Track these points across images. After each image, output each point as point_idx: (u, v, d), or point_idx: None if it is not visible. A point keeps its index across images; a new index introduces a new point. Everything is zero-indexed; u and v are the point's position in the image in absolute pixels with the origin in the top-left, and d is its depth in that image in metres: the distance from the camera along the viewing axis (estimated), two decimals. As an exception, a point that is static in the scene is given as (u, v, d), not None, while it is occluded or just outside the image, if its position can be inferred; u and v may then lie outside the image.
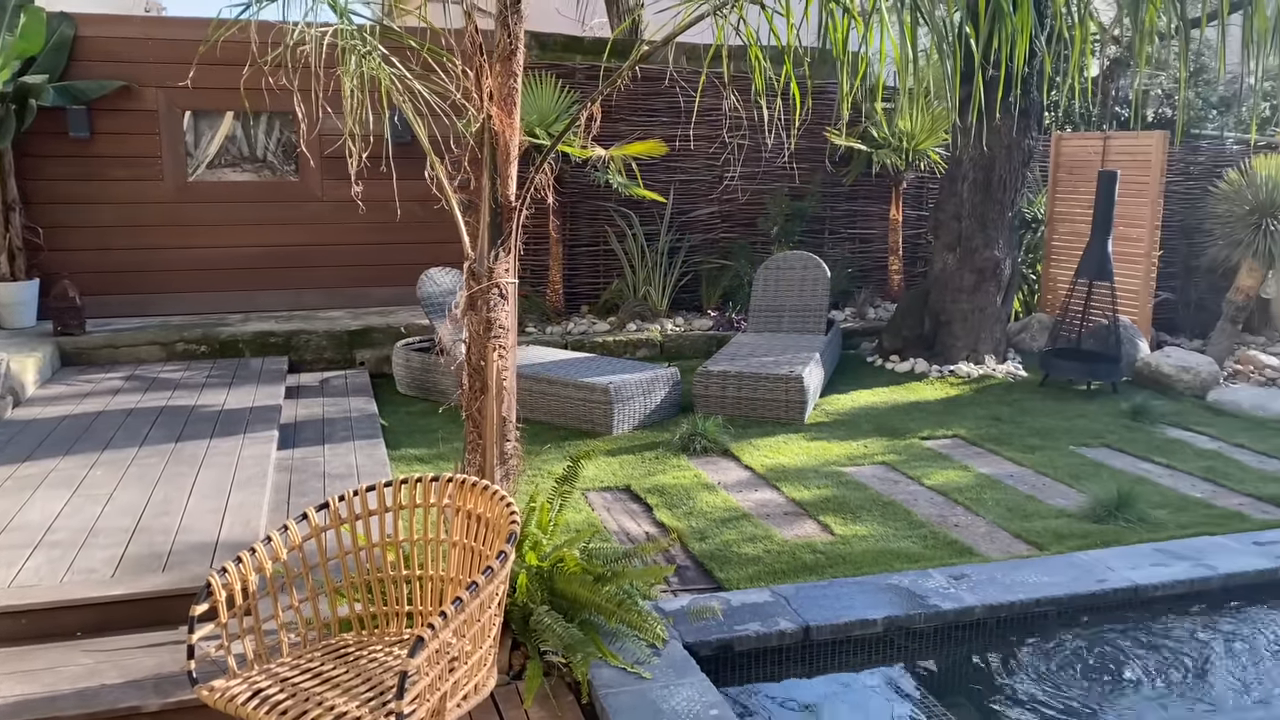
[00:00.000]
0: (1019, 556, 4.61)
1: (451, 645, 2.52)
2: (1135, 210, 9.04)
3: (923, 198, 10.71)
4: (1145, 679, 3.77)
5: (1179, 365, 8.09)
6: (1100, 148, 9.40)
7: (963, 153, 8.44)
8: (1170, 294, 10.58)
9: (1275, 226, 8.87)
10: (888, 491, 5.58)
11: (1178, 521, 5.10)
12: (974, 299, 8.54)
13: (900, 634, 3.89)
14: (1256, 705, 3.62)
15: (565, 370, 6.91)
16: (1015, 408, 7.43)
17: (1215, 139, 11.52)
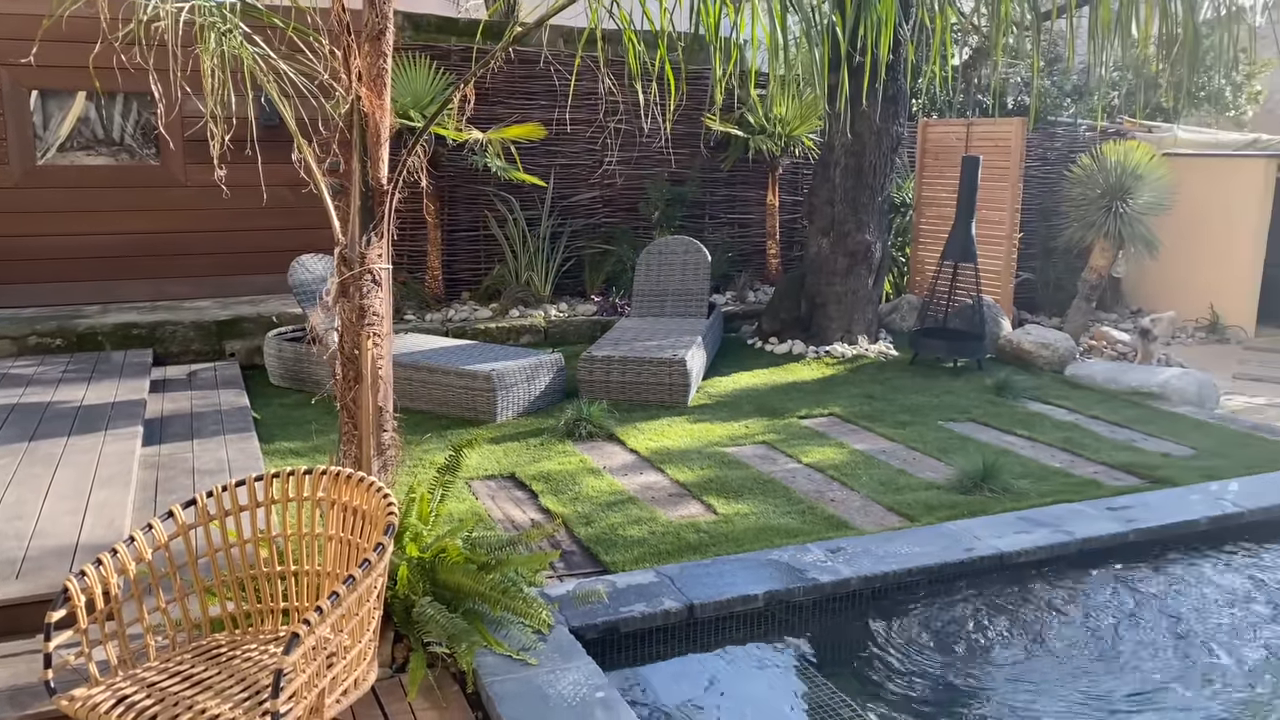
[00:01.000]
0: (892, 528, 4.78)
1: (329, 640, 2.46)
2: (997, 194, 9.45)
3: (798, 183, 10.94)
4: (1011, 640, 3.97)
5: (1038, 342, 8.51)
6: (964, 134, 9.77)
7: (835, 139, 8.66)
8: (1030, 274, 11.10)
9: (1124, 209, 9.40)
10: (768, 470, 5.70)
11: (1039, 490, 5.37)
12: (847, 282, 8.78)
13: (781, 608, 3.99)
14: (1112, 660, 3.85)
15: (446, 358, 6.81)
16: (887, 386, 7.69)
17: (1070, 125, 12.13)
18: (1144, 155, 9.54)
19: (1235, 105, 14.91)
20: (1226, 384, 8.56)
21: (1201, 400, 7.51)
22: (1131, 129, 12.01)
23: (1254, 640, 4.03)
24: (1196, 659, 3.86)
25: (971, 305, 8.51)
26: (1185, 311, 11.06)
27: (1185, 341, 10.71)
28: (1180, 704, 3.54)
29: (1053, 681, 3.68)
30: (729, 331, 9.48)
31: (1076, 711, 3.48)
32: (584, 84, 9.53)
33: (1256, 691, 3.66)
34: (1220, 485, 5.41)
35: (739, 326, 9.67)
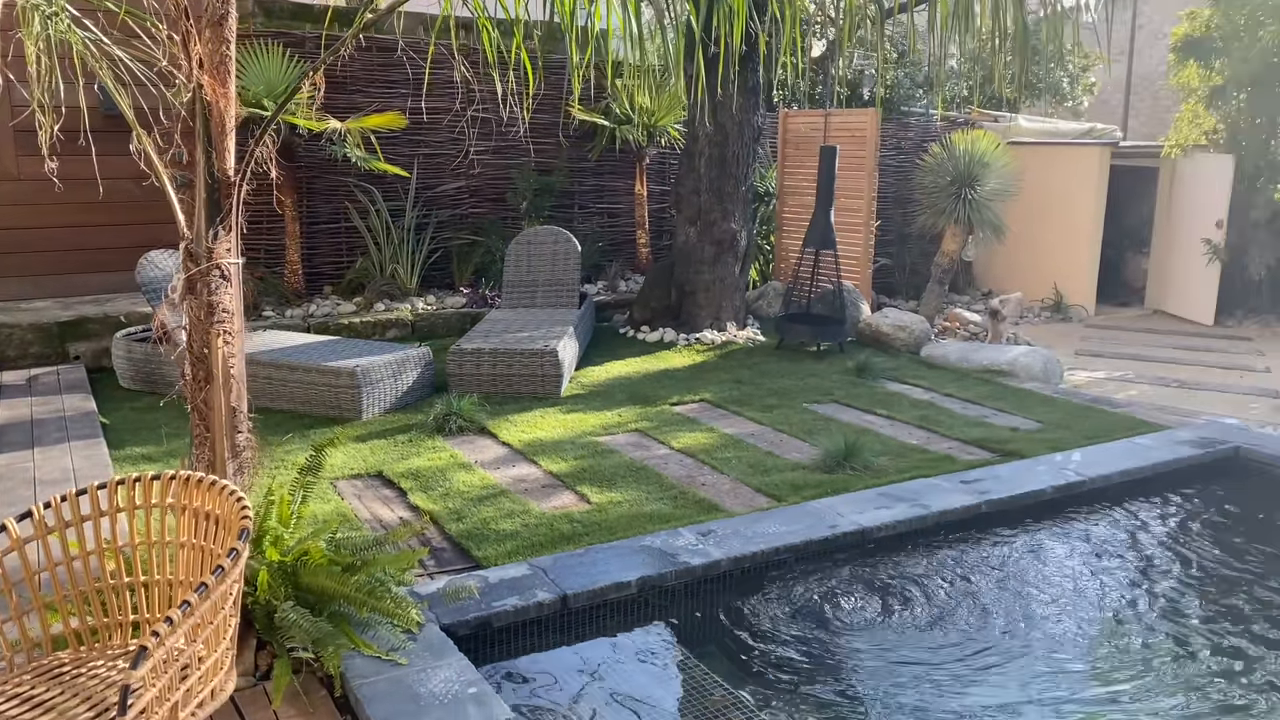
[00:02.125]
0: (760, 509, 4.89)
1: (181, 652, 2.36)
2: (854, 183, 9.75)
3: (666, 172, 11.04)
4: (874, 611, 4.12)
5: (896, 324, 8.84)
6: (822, 125, 10.05)
7: (698, 129, 8.77)
8: (888, 260, 11.52)
9: (973, 195, 9.84)
10: (641, 457, 5.75)
11: (897, 467, 5.58)
12: (715, 270, 8.93)
13: (654, 593, 4.04)
14: (968, 625, 4.05)
15: (308, 355, 6.61)
16: (755, 370, 7.85)
17: (922, 116, 12.62)
18: (990, 144, 10.01)
19: (1073, 96, 15.79)
20: (1070, 360, 9.09)
21: (1047, 376, 7.94)
22: (979, 119, 12.59)
23: (1096, 601, 4.30)
24: (1045, 620, 4.09)
25: (833, 290, 8.77)
26: (1031, 292, 11.68)
27: (1032, 321, 11.32)
28: (1030, 665, 3.75)
29: (914, 648, 3.84)
30: (601, 321, 9.51)
31: (936, 676, 3.64)
32: (445, 73, 9.37)
33: (1099, 652, 3.91)
34: (1064, 456, 5.73)
35: (611, 316, 9.71)
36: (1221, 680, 3.63)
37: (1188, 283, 11.52)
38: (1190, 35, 11.17)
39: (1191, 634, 3.98)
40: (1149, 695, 3.54)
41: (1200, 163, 11.32)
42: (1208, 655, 3.81)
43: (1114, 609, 4.23)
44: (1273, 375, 8.56)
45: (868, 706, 3.49)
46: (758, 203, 10.73)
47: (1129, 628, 4.07)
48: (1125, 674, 3.71)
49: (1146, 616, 4.16)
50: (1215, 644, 3.90)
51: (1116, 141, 12.35)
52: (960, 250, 10.31)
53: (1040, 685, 3.59)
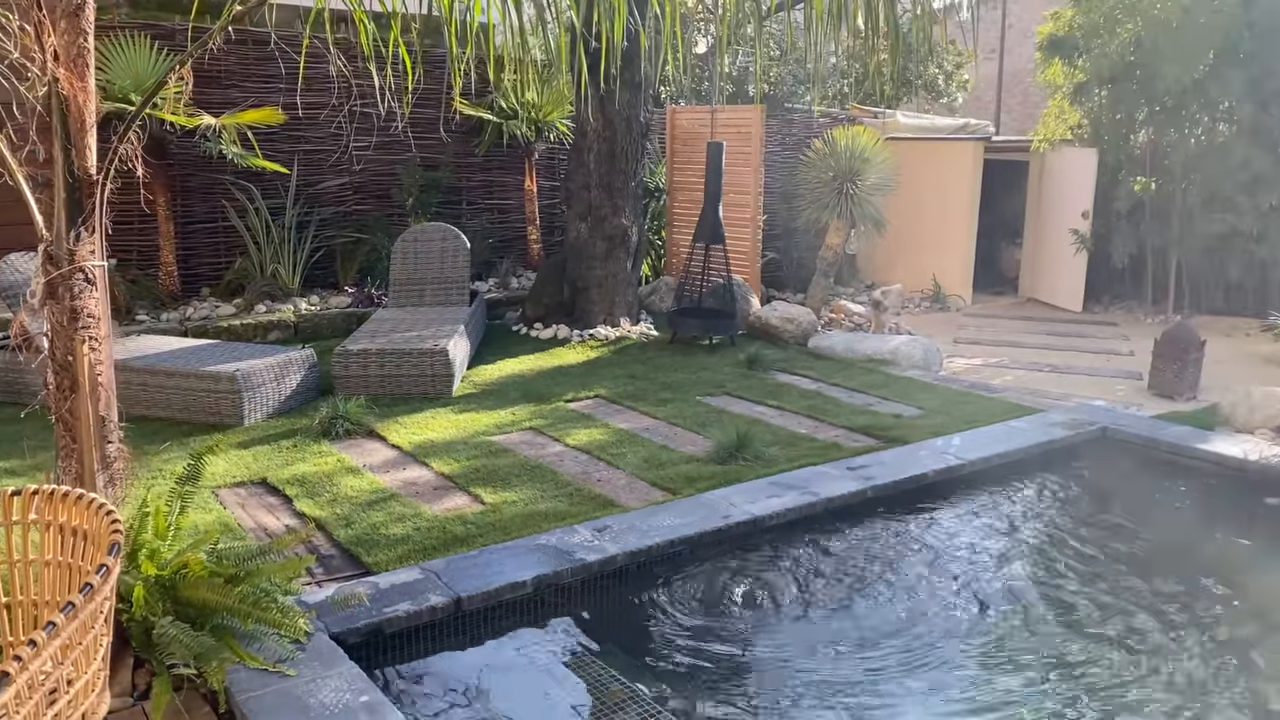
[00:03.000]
0: (656, 503, 4.92)
1: (48, 675, 2.24)
2: (741, 178, 9.90)
3: (556, 168, 11.00)
4: (768, 598, 4.20)
5: (784, 317, 9.01)
6: (709, 121, 10.16)
7: (587, 125, 8.76)
8: (776, 254, 11.74)
9: (854, 190, 10.09)
10: (535, 455, 5.71)
11: (788, 456, 5.69)
12: (607, 265, 8.94)
13: (550, 591, 4.02)
14: (859, 606, 4.16)
15: (185, 359, 6.35)
16: (649, 365, 7.90)
17: (806, 112, 12.88)
18: (870, 140, 10.28)
19: (948, 93, 16.36)
20: (949, 348, 9.42)
21: (927, 364, 8.21)
22: (859, 115, 12.92)
23: (975, 579, 4.46)
24: (931, 598, 4.23)
25: (724, 285, 8.88)
26: (912, 283, 12.07)
27: (913, 311, 11.69)
28: (917, 638, 3.87)
29: (809, 633, 3.92)
30: (493, 319, 9.42)
31: (830, 660, 3.72)
32: (325, 67, 9.13)
33: (982, 624, 4.06)
34: (945, 441, 5.93)
35: (503, 313, 9.63)
36: (1093, 644, 3.81)
37: (1057, 272, 12.07)
38: (1055, 34, 11.70)
39: (1065, 603, 4.18)
40: (1028, 663, 3.70)
41: (1067, 156, 11.87)
42: (1084, 620, 4.00)
43: (993, 584, 4.40)
44: (1136, 358, 9.04)
45: (766, 693, 3.55)
46: (648, 198, 10.79)
47: (1009, 600, 4.24)
48: (1010, 642, 3.86)
49: (1022, 591, 4.34)
50: (1087, 610, 4.10)
51: (989, 136, 12.85)
52: (844, 244, 10.57)
53: (933, 663, 3.71)
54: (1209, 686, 3.59)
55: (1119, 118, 11.35)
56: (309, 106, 9.00)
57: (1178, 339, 7.76)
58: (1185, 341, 7.71)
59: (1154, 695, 3.52)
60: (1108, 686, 3.56)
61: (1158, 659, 3.76)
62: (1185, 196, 10.84)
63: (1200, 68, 10.32)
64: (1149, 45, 10.55)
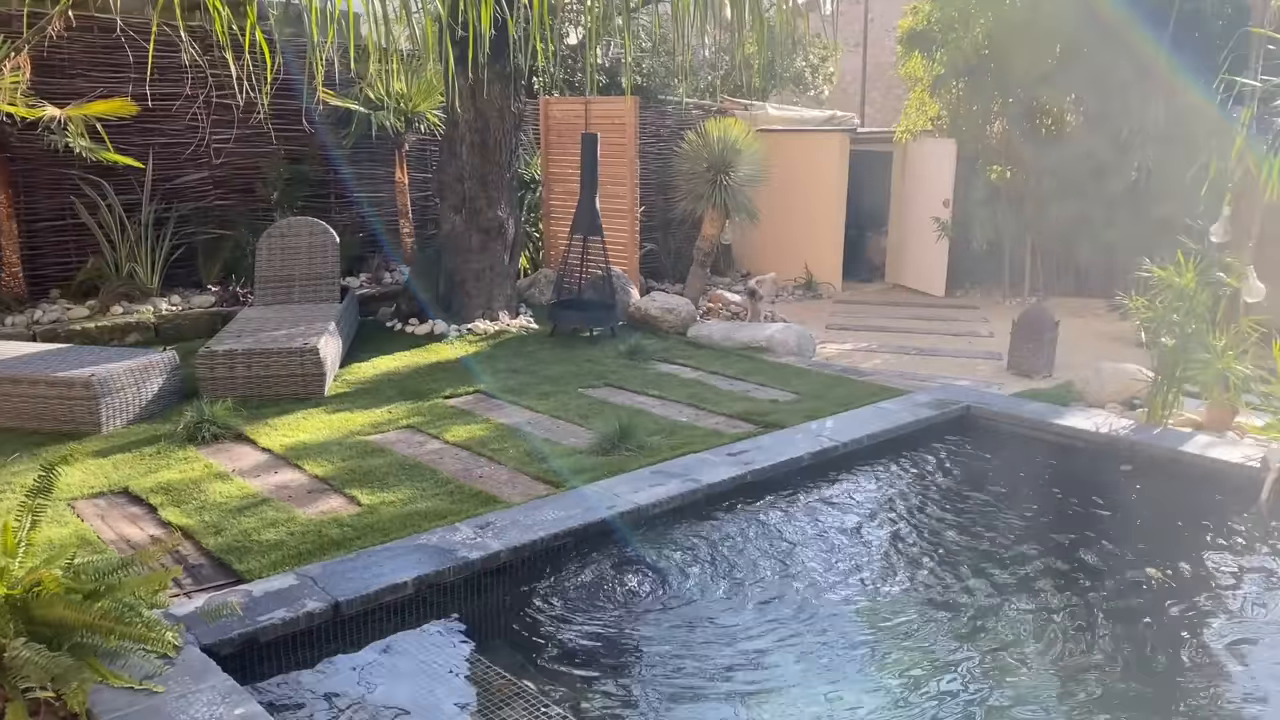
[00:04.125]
0: (539, 497, 4.89)
1: (-116, 711, 2.08)
2: (617, 170, 9.92)
3: (428, 160, 10.79)
4: (654, 586, 4.23)
5: (663, 308, 9.09)
6: (583, 112, 10.14)
7: (458, 115, 8.63)
8: (654, 245, 11.82)
9: (728, 181, 10.24)
10: (414, 454, 5.61)
11: (670, 444, 5.74)
12: (483, 258, 8.84)
13: (432, 591, 3.95)
14: (742, 587, 4.23)
15: (34, 365, 5.98)
16: (529, 359, 7.85)
17: (679, 104, 13.00)
18: (741, 131, 10.46)
19: (814, 85, 16.76)
20: (821, 334, 9.69)
21: (801, 350, 8.42)
22: (730, 107, 13.11)
23: (855, 553, 4.60)
24: (809, 577, 4.34)
25: (603, 276, 8.89)
26: (785, 272, 12.34)
27: (787, 299, 11.96)
28: (801, 614, 3.96)
29: (695, 619, 3.97)
30: (366, 315, 9.19)
31: (716, 644, 3.78)
32: (180, 56, 8.71)
33: (864, 597, 4.19)
34: (819, 424, 6.09)
35: (377, 309, 9.40)
36: (963, 607, 3.99)
37: (922, 258, 12.53)
38: (914, 28, 12.13)
39: (934, 570, 4.35)
40: (905, 630, 3.84)
41: (928, 147, 12.33)
42: (955, 584, 4.18)
43: (868, 557, 4.55)
44: (996, 339, 9.48)
45: (651, 681, 3.58)
46: (524, 190, 10.71)
47: (884, 572, 4.39)
48: (888, 612, 4.00)
49: (895, 561, 4.50)
50: (955, 576, 4.28)
51: (854, 128, 13.24)
52: (719, 234, 10.73)
53: (818, 641, 3.81)
54: (1062, 624, 3.80)
55: (975, 109, 11.85)
56: (163, 97, 8.59)
57: (1033, 320, 8.16)
58: (1040, 322, 8.12)
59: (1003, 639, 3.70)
60: (976, 640, 3.73)
61: (1013, 607, 3.95)
62: (1037, 184, 11.40)
63: (1048, 61, 10.86)
64: (1001, 40, 11.05)
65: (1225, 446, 5.62)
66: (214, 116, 9.05)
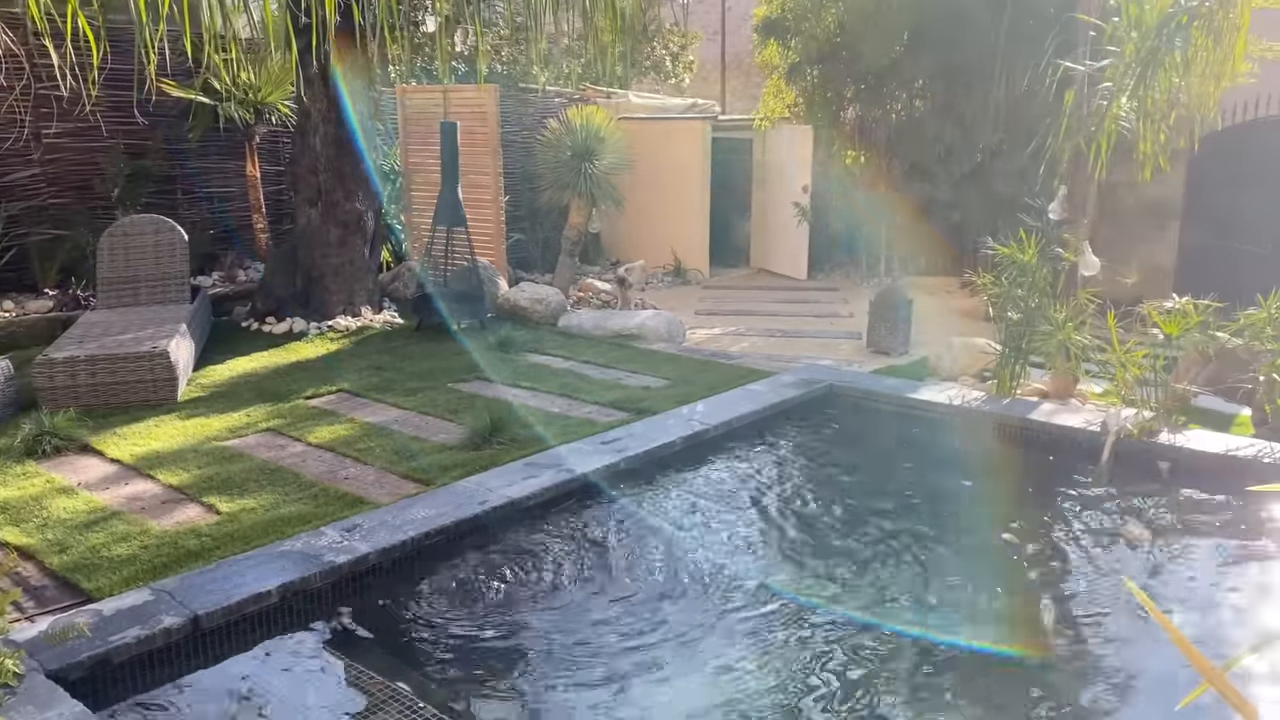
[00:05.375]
0: (409, 496, 4.79)
1: None
2: (479, 160, 9.79)
3: (281, 152, 10.39)
4: (530, 579, 4.20)
5: (533, 298, 9.02)
6: (442, 101, 9.95)
7: (311, 105, 8.34)
8: (522, 235, 11.71)
9: (592, 169, 10.24)
10: (275, 457, 5.41)
11: (542, 436, 5.71)
12: (342, 252, 8.58)
13: (299, 598, 3.82)
14: (623, 575, 4.24)
15: None
16: (395, 355, 7.67)
17: (540, 92, 12.90)
18: (604, 119, 10.46)
19: (675, 73, 16.91)
20: (691, 320, 9.80)
21: (671, 336, 8.50)
22: (593, 95, 13.10)
23: (726, 537, 4.68)
24: (686, 562, 4.39)
25: (469, 268, 8.76)
26: (654, 259, 12.43)
27: (656, 286, 12.06)
28: (679, 600, 4.01)
29: (569, 609, 3.96)
30: (220, 315, 8.81)
31: (593, 631, 3.78)
32: None
33: (738, 571, 4.26)
34: (690, 408, 6.17)
35: (232, 309, 9.02)
36: (832, 576, 4.11)
37: (784, 243, 12.82)
38: (769, 17, 12.36)
39: (804, 543, 4.47)
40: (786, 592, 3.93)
41: (786, 133, 12.61)
42: (823, 555, 4.30)
43: (743, 537, 4.63)
44: (855, 319, 9.78)
45: (528, 677, 3.56)
46: (384, 181, 10.44)
47: (758, 551, 4.49)
48: (764, 593, 4.09)
49: (768, 539, 4.60)
50: (822, 547, 4.40)
51: (715, 116, 13.42)
52: (586, 222, 10.72)
53: (695, 626, 3.85)
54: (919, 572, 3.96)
55: (830, 96, 12.17)
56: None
57: (889, 300, 8.46)
58: (895, 301, 8.43)
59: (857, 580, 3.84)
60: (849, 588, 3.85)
61: (881, 569, 4.11)
62: (890, 168, 11.81)
63: (896, 49, 11.24)
64: (852, 27, 11.37)
65: (1068, 413, 5.96)
66: (39, 109, 8.47)
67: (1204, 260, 9.77)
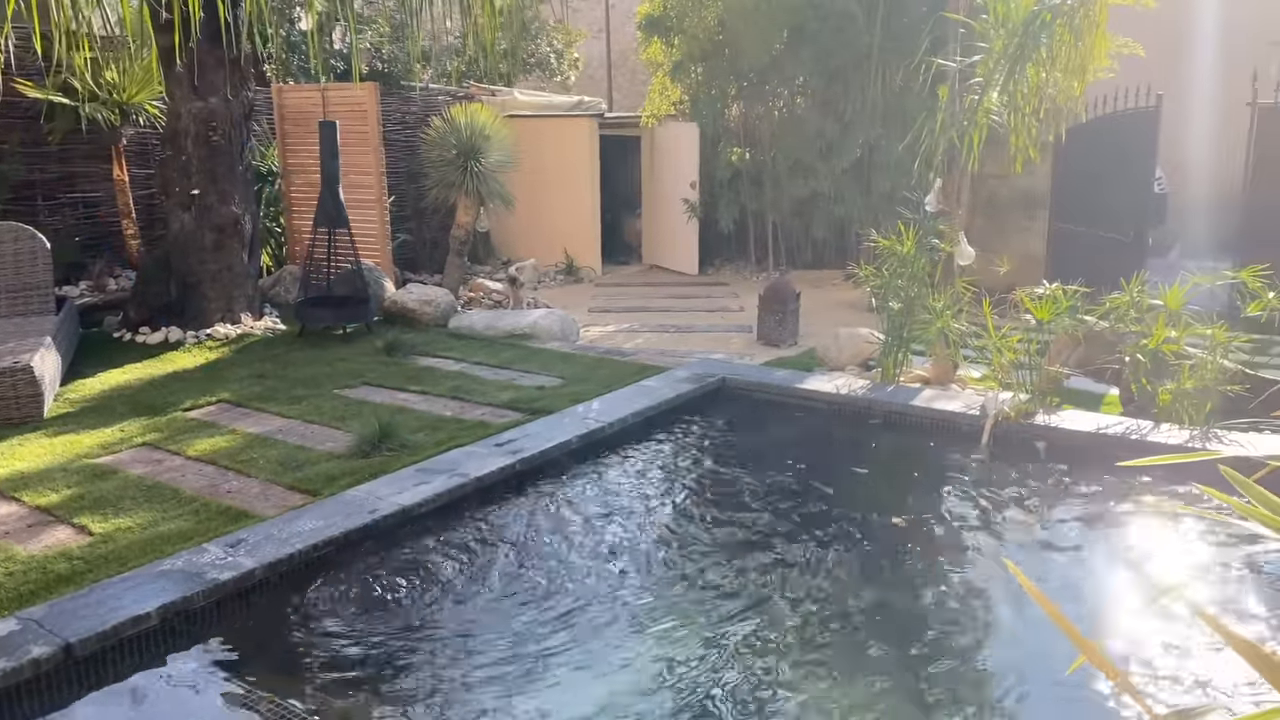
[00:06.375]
0: (295, 507, 4.64)
1: None
2: (361, 159, 9.56)
3: (151, 155, 9.94)
4: (425, 587, 4.11)
5: (421, 299, 8.86)
6: (320, 99, 9.69)
7: (181, 106, 8.00)
8: (408, 235, 11.50)
9: (478, 167, 10.11)
10: (152, 473, 5.17)
11: (434, 440, 5.61)
12: (219, 258, 8.27)
13: (181, 619, 3.66)
14: (523, 579, 4.20)
15: None
16: (278, 362, 7.44)
17: (424, 90, 12.68)
18: (489, 117, 10.34)
19: (561, 71, 16.85)
20: (584, 317, 9.79)
21: (565, 334, 8.47)
22: (477, 93, 12.94)
23: (623, 534, 4.68)
24: (584, 562, 4.37)
25: (353, 270, 8.55)
26: (546, 257, 12.37)
27: (549, 285, 12.00)
28: (576, 600, 3.99)
29: (464, 617, 3.90)
30: (90, 326, 8.39)
31: (489, 638, 3.73)
32: None
33: (640, 569, 4.27)
34: (585, 406, 6.15)
35: (102, 319, 8.60)
36: (735, 562, 4.15)
37: (674, 239, 12.92)
38: (652, 15, 12.43)
39: (698, 535, 4.51)
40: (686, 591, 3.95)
41: (672, 130, 12.70)
42: (715, 548, 4.34)
43: (639, 533, 4.64)
44: (746, 313, 9.92)
45: (424, 687, 3.49)
46: (261, 183, 10.10)
47: (654, 546, 4.50)
48: (657, 588, 4.10)
49: (665, 533, 4.63)
50: (716, 540, 4.45)
51: (602, 113, 13.41)
52: (474, 221, 10.58)
53: (591, 627, 3.84)
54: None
55: (714, 93, 12.32)
56: None
57: (777, 293, 8.61)
58: (783, 295, 8.58)
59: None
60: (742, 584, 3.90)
61: (773, 559, 4.17)
62: (774, 164, 12.02)
63: (776, 47, 11.45)
64: (732, 25, 11.53)
65: (949, 398, 6.17)
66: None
67: (1071, 247, 10.25)
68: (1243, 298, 5.64)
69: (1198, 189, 11.53)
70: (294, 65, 11.80)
